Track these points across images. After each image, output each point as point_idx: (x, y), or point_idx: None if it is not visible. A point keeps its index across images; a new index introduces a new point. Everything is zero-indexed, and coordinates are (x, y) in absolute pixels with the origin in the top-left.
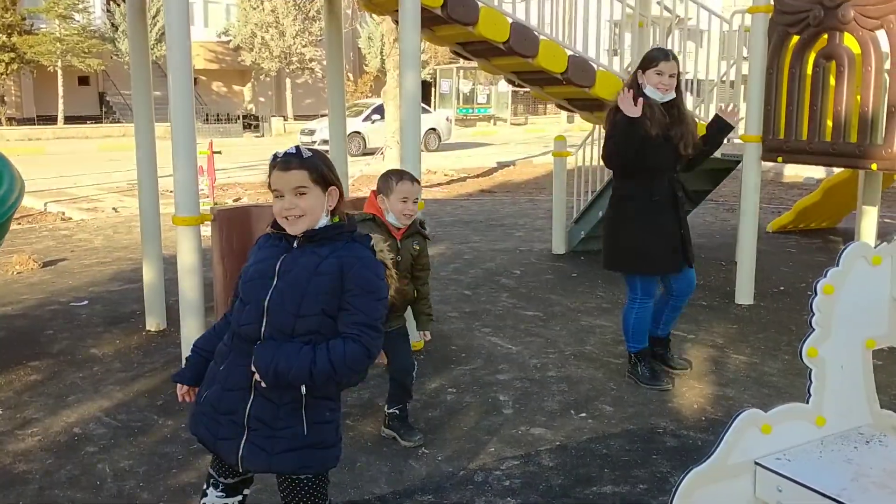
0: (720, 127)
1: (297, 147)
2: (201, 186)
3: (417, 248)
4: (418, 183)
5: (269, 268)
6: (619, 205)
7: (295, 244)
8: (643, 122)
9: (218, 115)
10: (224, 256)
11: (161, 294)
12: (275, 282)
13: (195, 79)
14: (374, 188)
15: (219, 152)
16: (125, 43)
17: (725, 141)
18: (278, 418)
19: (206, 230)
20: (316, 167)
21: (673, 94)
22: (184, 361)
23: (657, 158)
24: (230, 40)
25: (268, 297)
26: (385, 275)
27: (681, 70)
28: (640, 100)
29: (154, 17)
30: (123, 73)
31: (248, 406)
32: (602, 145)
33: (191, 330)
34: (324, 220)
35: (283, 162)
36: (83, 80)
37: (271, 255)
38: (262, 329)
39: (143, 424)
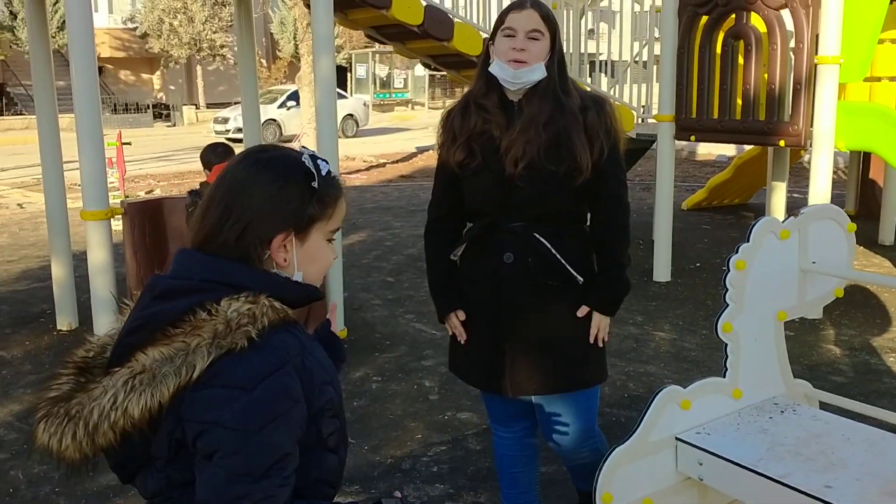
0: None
1: None
2: (111, 179)
3: None
4: None
5: None
6: None
7: None
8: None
9: (127, 105)
10: (136, 251)
11: (72, 292)
12: None
13: (101, 68)
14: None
15: (128, 143)
16: (25, 31)
17: (640, 121)
18: None
19: (118, 224)
20: None
21: (539, 73)
22: None
23: (474, 190)
24: (137, 27)
25: None
26: None
27: (556, 26)
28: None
29: (55, 4)
30: (24, 64)
31: None
32: None
33: (104, 328)
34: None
35: None
36: None
37: None
38: None
39: None
